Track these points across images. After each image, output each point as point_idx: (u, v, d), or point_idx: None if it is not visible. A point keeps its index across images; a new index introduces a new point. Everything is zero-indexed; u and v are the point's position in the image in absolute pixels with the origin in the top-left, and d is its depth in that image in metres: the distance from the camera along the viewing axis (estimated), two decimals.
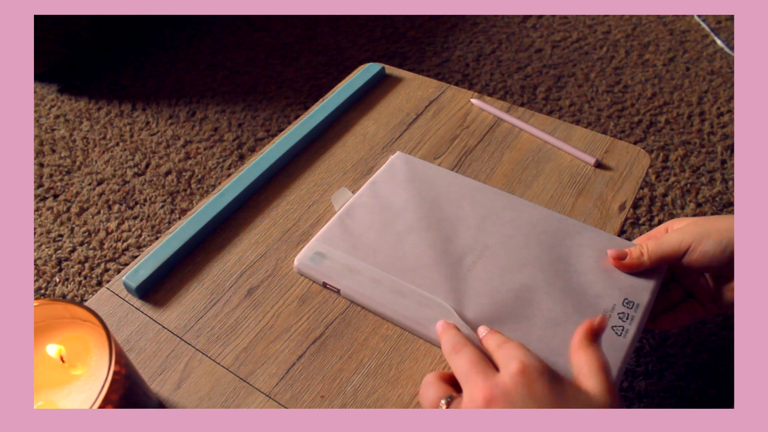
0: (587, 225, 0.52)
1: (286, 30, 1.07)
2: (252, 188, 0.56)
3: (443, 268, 0.48)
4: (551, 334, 0.44)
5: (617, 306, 0.46)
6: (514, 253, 0.49)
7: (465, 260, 0.49)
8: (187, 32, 1.07)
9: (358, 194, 0.54)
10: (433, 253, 0.49)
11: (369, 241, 0.50)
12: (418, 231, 0.51)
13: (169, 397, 0.44)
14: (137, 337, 0.47)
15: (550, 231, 0.51)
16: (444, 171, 0.56)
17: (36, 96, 0.97)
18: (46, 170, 0.85)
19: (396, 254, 0.49)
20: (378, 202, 0.53)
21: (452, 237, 0.50)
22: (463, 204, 0.53)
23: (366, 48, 1.04)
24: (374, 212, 0.52)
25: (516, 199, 0.54)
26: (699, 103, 0.93)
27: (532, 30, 1.06)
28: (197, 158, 0.86)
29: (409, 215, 0.52)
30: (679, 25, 1.06)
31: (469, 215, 0.52)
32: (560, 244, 0.50)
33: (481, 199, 0.53)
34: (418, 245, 0.50)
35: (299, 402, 0.43)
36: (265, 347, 0.46)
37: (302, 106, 0.93)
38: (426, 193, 0.54)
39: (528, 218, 0.52)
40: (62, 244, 0.76)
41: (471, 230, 0.51)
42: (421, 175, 0.56)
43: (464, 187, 0.54)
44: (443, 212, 0.52)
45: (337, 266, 0.48)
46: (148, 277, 0.48)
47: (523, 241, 0.50)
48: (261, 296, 0.49)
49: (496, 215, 0.52)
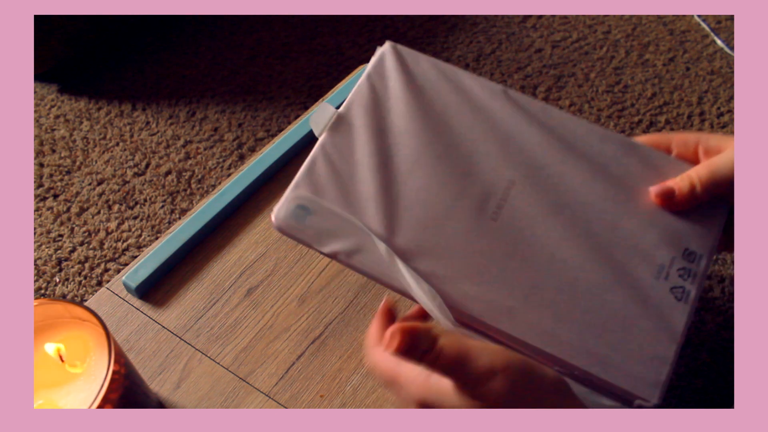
0: (635, 143, 0.40)
1: (286, 30, 1.08)
2: (252, 188, 0.56)
3: (461, 219, 0.37)
4: (599, 304, 0.35)
5: (677, 259, 0.36)
6: (548, 192, 0.38)
7: (487, 206, 0.37)
8: (187, 32, 1.07)
9: (342, 112, 0.40)
10: (446, 198, 0.38)
11: (363, 184, 0.38)
12: (424, 166, 0.39)
13: (168, 397, 0.44)
14: (137, 337, 0.47)
15: (591, 154, 0.39)
16: (450, 69, 0.42)
17: (36, 96, 0.97)
18: (46, 170, 0.85)
19: (399, 203, 0.38)
20: (371, 124, 0.40)
21: (469, 171, 0.38)
22: (478, 119, 0.40)
23: (366, 48, 1.04)
24: (367, 140, 0.39)
25: (543, 107, 0.41)
26: (699, 103, 0.93)
27: (532, 30, 1.06)
28: (197, 158, 0.86)
29: (412, 141, 0.39)
30: (679, 25, 1.06)
31: (487, 137, 0.40)
32: (605, 174, 0.39)
33: (500, 111, 0.40)
34: (425, 188, 0.38)
35: (298, 402, 0.43)
36: (265, 347, 0.46)
37: (302, 106, 0.93)
38: (431, 104, 0.41)
39: (561, 136, 0.40)
40: (62, 244, 0.76)
41: (491, 159, 0.39)
42: (421, 79, 0.42)
43: (479, 93, 0.41)
44: (454, 134, 0.40)
45: (327, 222, 0.37)
46: (147, 277, 0.48)
47: (558, 171, 0.39)
48: (260, 296, 0.49)
49: (522, 135, 0.40)
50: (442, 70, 0.42)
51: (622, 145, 0.40)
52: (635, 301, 0.36)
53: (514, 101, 0.41)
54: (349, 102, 0.41)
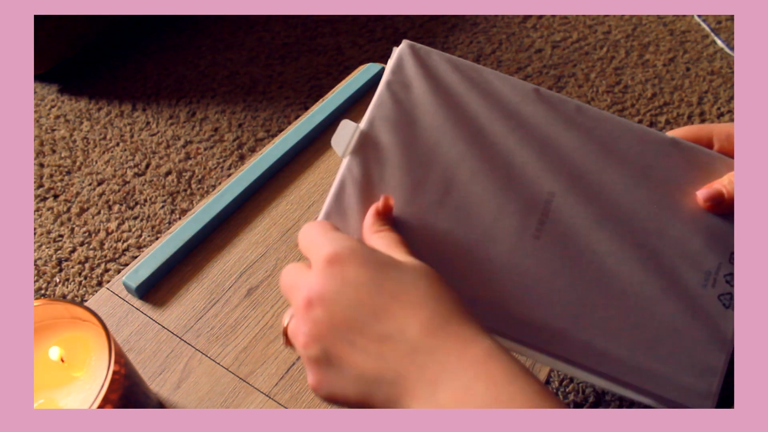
0: (676, 138, 0.39)
1: (286, 30, 1.08)
2: (252, 188, 0.56)
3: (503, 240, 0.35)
4: (649, 318, 0.35)
5: (723, 265, 0.35)
6: (590, 201, 0.36)
7: (528, 222, 0.35)
8: (187, 32, 1.07)
9: (366, 125, 0.37)
10: (485, 219, 0.36)
11: (396, 208, 0.36)
12: (460, 183, 0.36)
13: (168, 397, 0.44)
14: (137, 337, 0.47)
15: (631, 157, 0.38)
16: (475, 69, 0.39)
17: (36, 96, 0.97)
18: (46, 170, 0.85)
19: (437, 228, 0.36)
20: (396, 140, 0.37)
21: (506, 187, 0.36)
22: (511, 126, 0.38)
23: (366, 48, 1.04)
24: (395, 163, 0.36)
25: (578, 107, 0.39)
26: (699, 103, 0.93)
27: (532, 30, 1.06)
28: (197, 158, 0.86)
29: (444, 156, 0.36)
30: (679, 25, 1.06)
31: (523, 145, 0.37)
32: (647, 178, 0.37)
33: (534, 116, 0.38)
34: (464, 207, 0.36)
35: (299, 402, 0.43)
36: (265, 347, 0.46)
37: (302, 106, 0.93)
38: (460, 112, 0.38)
39: (599, 139, 0.38)
40: (62, 244, 0.76)
41: (528, 170, 0.37)
42: (447, 81, 0.38)
43: (509, 96, 0.38)
44: (487, 145, 0.37)
45: None
46: (148, 277, 0.48)
47: (598, 179, 0.37)
48: (261, 296, 0.49)
49: (559, 141, 0.37)
50: (467, 71, 0.39)
51: (662, 144, 0.38)
52: (684, 312, 0.35)
53: (547, 102, 0.38)
54: (372, 116, 0.37)
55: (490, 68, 0.40)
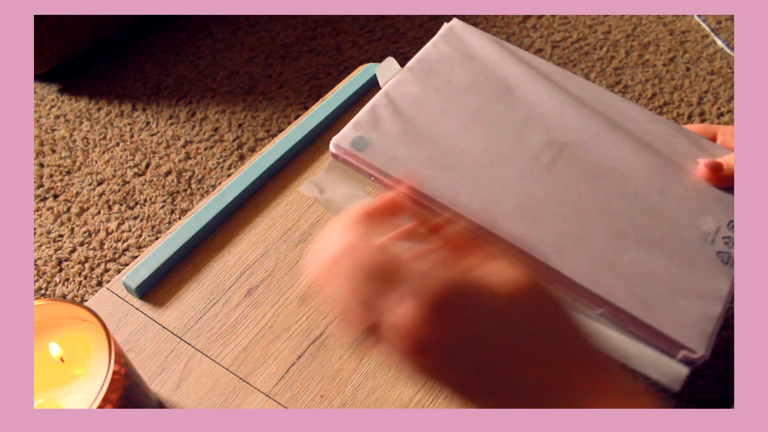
0: (682, 127, 0.43)
1: (286, 30, 1.08)
2: (252, 188, 0.56)
3: (516, 166, 0.39)
4: (647, 257, 0.36)
5: (722, 229, 0.38)
6: (599, 155, 0.40)
7: (542, 158, 0.40)
8: (187, 32, 1.07)
9: (408, 67, 0.44)
10: (503, 147, 0.40)
11: (425, 127, 0.40)
12: (483, 118, 0.42)
13: (168, 397, 0.44)
14: (137, 337, 0.47)
15: (641, 131, 0.42)
16: (512, 47, 0.47)
17: (36, 96, 0.97)
18: (46, 170, 0.85)
19: (458, 146, 0.40)
20: (434, 80, 0.43)
21: (525, 128, 0.41)
22: (538, 88, 0.44)
23: (366, 48, 1.04)
24: (429, 92, 0.43)
25: (600, 89, 0.45)
26: (699, 103, 0.93)
27: (532, 30, 1.06)
28: (197, 158, 0.86)
29: (472, 98, 0.43)
30: (679, 25, 1.06)
31: (545, 102, 0.43)
32: (653, 149, 0.41)
33: (559, 84, 0.44)
34: (484, 136, 0.41)
35: (299, 402, 0.43)
36: (265, 347, 0.46)
37: (302, 106, 0.93)
38: (492, 71, 0.44)
39: (615, 112, 0.43)
40: (62, 244, 0.76)
41: (548, 121, 0.42)
42: (486, 47, 0.46)
43: (538, 68, 0.45)
44: (513, 97, 0.43)
45: (388, 154, 0.39)
46: (147, 277, 0.48)
47: (609, 139, 0.41)
48: (261, 296, 0.49)
49: (578, 105, 0.43)
50: (503, 45, 0.46)
51: (670, 127, 0.43)
52: (682, 258, 0.37)
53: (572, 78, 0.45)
54: (415, 60, 0.45)
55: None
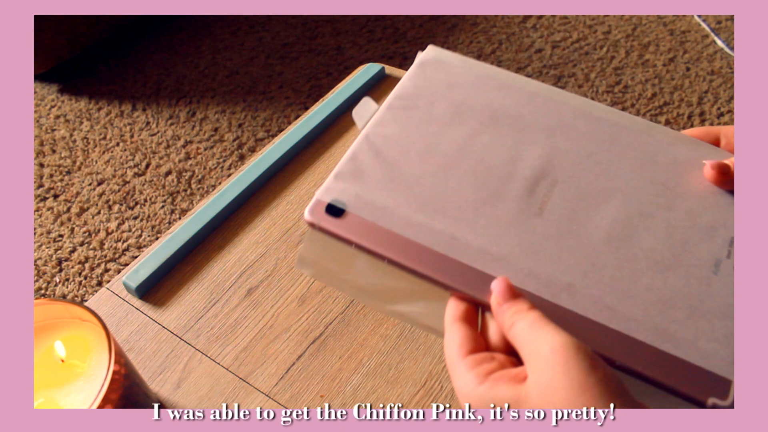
0: (681, 133, 0.41)
1: (286, 30, 1.07)
2: (252, 188, 0.56)
3: (510, 200, 0.37)
4: (662, 282, 0.34)
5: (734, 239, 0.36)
6: (597, 177, 0.38)
7: (536, 191, 0.38)
8: (187, 32, 1.07)
9: (386, 105, 0.42)
10: (494, 181, 0.38)
11: (410, 169, 0.38)
12: (471, 153, 0.39)
13: (168, 397, 0.44)
14: (137, 337, 0.47)
15: (637, 144, 0.40)
16: (492, 69, 0.44)
17: (36, 96, 0.97)
18: (47, 170, 0.85)
19: (448, 185, 0.38)
20: (415, 117, 0.41)
21: (515, 158, 0.39)
22: (523, 113, 0.41)
23: (366, 48, 1.04)
24: (411, 130, 0.40)
25: (588, 102, 0.42)
26: (699, 103, 0.93)
27: (532, 30, 1.06)
28: (197, 158, 0.86)
29: (457, 132, 0.40)
30: (679, 25, 1.06)
31: (532, 127, 0.41)
32: (652, 161, 0.39)
33: (544, 104, 0.42)
34: (473, 172, 0.38)
35: (299, 402, 0.43)
36: (265, 347, 0.46)
37: (302, 106, 0.93)
38: (475, 99, 0.42)
39: (607, 128, 0.41)
40: (62, 244, 0.76)
41: (538, 148, 0.40)
42: (465, 74, 0.43)
43: (521, 89, 0.43)
44: (499, 125, 0.41)
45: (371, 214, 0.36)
46: (148, 277, 0.48)
47: (605, 158, 0.39)
48: (261, 296, 0.49)
49: (567, 126, 0.41)
50: (482, 68, 0.44)
51: (668, 135, 0.40)
52: (699, 279, 0.35)
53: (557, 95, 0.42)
54: (392, 97, 0.43)
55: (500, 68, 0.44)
